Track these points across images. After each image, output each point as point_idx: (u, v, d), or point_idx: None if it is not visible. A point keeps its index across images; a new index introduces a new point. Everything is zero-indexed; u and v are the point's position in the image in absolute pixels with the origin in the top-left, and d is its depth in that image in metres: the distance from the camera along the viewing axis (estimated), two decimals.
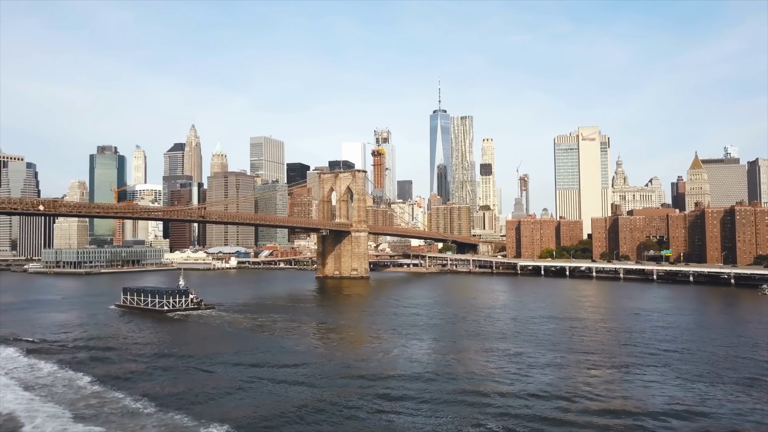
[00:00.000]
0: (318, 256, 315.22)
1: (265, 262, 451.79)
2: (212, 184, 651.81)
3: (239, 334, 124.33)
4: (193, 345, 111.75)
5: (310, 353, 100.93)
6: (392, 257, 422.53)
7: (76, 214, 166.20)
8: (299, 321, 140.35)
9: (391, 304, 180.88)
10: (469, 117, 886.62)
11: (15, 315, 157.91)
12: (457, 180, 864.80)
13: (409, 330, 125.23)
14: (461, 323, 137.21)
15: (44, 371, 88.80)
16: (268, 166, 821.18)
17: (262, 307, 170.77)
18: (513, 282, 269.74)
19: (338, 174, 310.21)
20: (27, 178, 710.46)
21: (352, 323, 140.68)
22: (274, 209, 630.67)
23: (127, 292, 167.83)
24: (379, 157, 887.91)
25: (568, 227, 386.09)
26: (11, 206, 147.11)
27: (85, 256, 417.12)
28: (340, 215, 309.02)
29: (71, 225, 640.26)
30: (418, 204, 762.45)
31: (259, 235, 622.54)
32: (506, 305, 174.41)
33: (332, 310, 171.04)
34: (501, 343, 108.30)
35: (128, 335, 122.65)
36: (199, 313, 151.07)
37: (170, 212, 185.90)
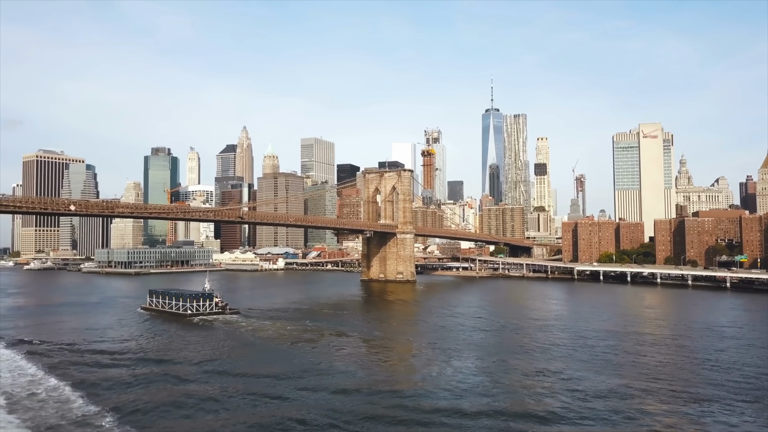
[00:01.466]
0: (362, 259, 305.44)
1: (312, 263, 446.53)
2: (262, 185, 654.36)
3: (257, 342, 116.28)
4: (198, 353, 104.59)
5: (330, 371, 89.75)
6: (441, 260, 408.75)
7: (107, 215, 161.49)
8: (331, 330, 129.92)
9: (435, 312, 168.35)
10: (522, 115, 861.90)
11: (42, 318, 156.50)
12: (510, 180, 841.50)
13: (453, 344, 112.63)
14: (510, 336, 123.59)
15: (21, 375, 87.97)
16: (318, 167, 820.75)
17: (295, 313, 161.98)
18: (569, 288, 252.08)
19: (383, 173, 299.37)
20: (87, 180, 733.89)
21: (390, 334, 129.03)
22: (323, 210, 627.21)
23: (152, 295, 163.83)
24: (429, 157, 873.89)
25: (628, 229, 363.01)
26: (43, 206, 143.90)
27: (136, 256, 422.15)
28: (386, 216, 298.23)
29: (126, 225, 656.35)
30: (469, 205, 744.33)
31: (309, 236, 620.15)
32: (561, 315, 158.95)
33: (370, 317, 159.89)
34: (554, 363, 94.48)
35: (136, 341, 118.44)
36: (223, 318, 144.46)
37: (200, 213, 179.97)
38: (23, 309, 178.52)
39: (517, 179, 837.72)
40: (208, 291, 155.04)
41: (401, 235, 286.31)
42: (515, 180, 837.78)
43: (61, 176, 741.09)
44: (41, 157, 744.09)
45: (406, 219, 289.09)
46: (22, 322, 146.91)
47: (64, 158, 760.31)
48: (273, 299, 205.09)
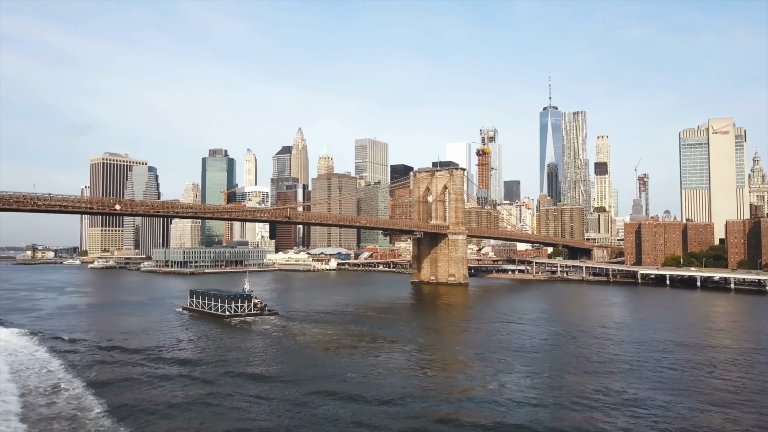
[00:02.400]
0: (413, 260, 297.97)
1: (363, 264, 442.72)
2: (316, 185, 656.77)
3: (291, 346, 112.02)
4: (226, 357, 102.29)
5: (361, 381, 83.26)
6: (495, 262, 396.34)
7: (153, 214, 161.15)
8: (373, 335, 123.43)
9: (488, 317, 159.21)
10: (582, 112, 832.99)
11: (86, 317, 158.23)
12: (569, 179, 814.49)
13: (503, 354, 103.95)
14: (567, 347, 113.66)
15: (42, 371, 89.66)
16: (372, 168, 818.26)
17: (339, 316, 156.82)
18: (633, 293, 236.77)
19: (434, 172, 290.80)
20: (149, 181, 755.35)
21: (435, 341, 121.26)
22: (375, 211, 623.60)
23: (193, 295, 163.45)
24: (484, 157, 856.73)
25: (696, 231, 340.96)
26: (88, 206, 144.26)
27: (191, 256, 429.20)
28: (437, 216, 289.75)
29: (185, 226, 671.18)
30: (526, 205, 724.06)
31: (361, 236, 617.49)
32: (624, 324, 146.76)
33: (417, 323, 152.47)
34: (615, 380, 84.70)
35: (167, 342, 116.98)
36: (261, 320, 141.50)
37: (236, 213, 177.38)
38: (73, 308, 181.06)
39: (577, 179, 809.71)
40: (247, 292, 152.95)
41: (453, 236, 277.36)
42: (574, 179, 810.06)
43: (125, 178, 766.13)
44: (107, 160, 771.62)
45: (458, 219, 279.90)
46: (65, 321, 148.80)
47: (128, 161, 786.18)
48: (319, 301, 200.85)
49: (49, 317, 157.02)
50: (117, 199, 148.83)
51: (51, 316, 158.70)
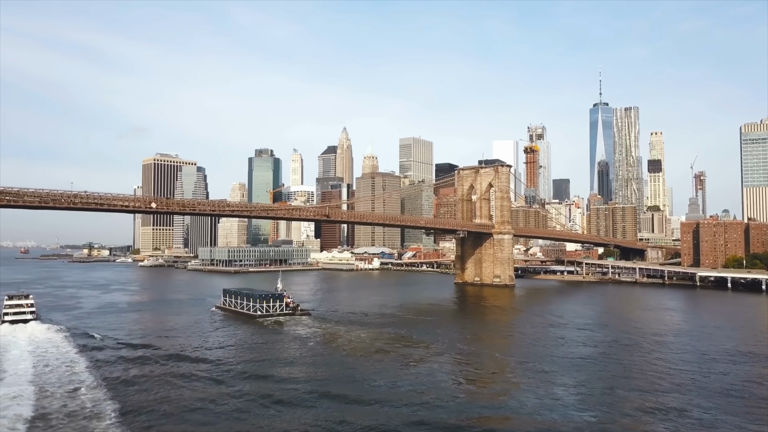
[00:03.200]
0: (456, 260, 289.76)
1: (407, 264, 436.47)
2: (360, 185, 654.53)
3: (320, 349, 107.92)
4: (249, 357, 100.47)
5: (390, 392, 77.31)
6: (543, 263, 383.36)
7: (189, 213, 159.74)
8: (410, 340, 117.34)
9: (534, 321, 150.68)
10: (634, 108, 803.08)
11: (123, 315, 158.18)
12: (620, 177, 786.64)
13: (549, 363, 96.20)
14: (620, 356, 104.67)
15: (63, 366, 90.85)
16: (416, 167, 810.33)
17: (376, 317, 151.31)
18: (691, 297, 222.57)
19: (478, 170, 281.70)
20: (197, 181, 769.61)
21: (477, 347, 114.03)
22: (419, 210, 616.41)
23: (226, 294, 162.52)
24: (532, 155, 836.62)
25: (760, 231, 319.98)
26: (124, 204, 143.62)
27: (236, 254, 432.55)
28: (481, 215, 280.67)
29: (232, 225, 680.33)
30: (576, 204, 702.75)
31: (405, 236, 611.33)
32: (683, 330, 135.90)
33: (458, 327, 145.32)
34: (675, 396, 76.09)
35: (192, 341, 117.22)
36: (293, 320, 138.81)
37: (268, 210, 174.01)
38: (113, 306, 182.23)
39: (629, 176, 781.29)
40: (279, 291, 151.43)
41: (498, 235, 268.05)
42: (626, 177, 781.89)
43: (174, 178, 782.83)
44: (158, 161, 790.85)
45: (503, 218, 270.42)
46: (101, 319, 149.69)
47: (178, 161, 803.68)
48: (357, 301, 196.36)
49: (86, 315, 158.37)
50: (153, 197, 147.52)
51: (89, 314, 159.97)
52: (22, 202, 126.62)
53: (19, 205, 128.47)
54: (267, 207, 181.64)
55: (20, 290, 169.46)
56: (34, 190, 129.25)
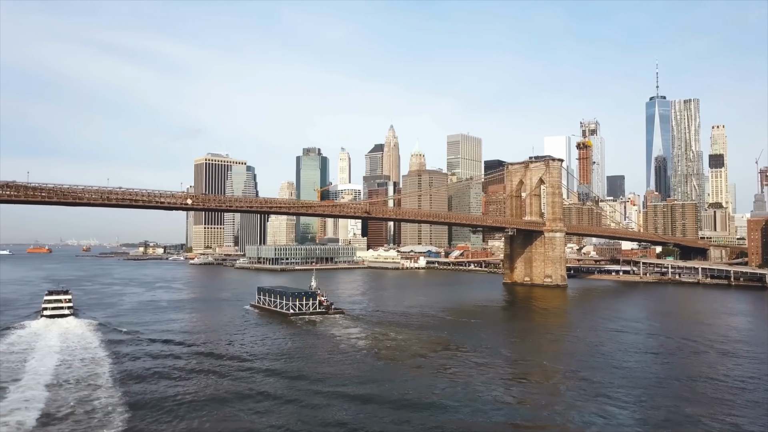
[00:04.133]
0: (505, 259, 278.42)
1: (454, 263, 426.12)
2: (406, 182, 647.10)
3: (349, 351, 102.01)
4: (272, 358, 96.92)
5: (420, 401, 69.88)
6: (597, 262, 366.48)
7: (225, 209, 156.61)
8: (450, 344, 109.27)
9: (588, 325, 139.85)
10: (694, 100, 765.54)
11: (159, 313, 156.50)
12: (679, 173, 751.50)
13: (603, 374, 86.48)
14: (684, 366, 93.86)
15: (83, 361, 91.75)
16: (464, 164, 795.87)
17: (416, 318, 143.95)
18: (760, 300, 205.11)
19: (528, 164, 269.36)
20: (247, 180, 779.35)
21: (522, 353, 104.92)
22: (467, 207, 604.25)
23: (260, 293, 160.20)
24: (585, 150, 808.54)
25: None
26: (159, 200, 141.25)
27: (282, 253, 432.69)
28: (531, 212, 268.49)
29: (281, 223, 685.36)
30: (632, 201, 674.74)
31: (453, 234, 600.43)
32: (754, 338, 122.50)
33: (504, 330, 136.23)
34: (750, 417, 65.59)
35: (220, 339, 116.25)
36: (325, 319, 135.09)
37: (299, 207, 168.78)
38: (152, 304, 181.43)
39: (688, 172, 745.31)
40: (312, 290, 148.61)
41: (549, 233, 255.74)
42: (686, 173, 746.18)
43: (225, 177, 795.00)
44: (209, 160, 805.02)
45: (555, 215, 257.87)
46: (137, 316, 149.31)
47: (228, 161, 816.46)
48: (399, 301, 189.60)
49: (123, 312, 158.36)
50: (189, 194, 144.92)
51: (125, 311, 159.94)
52: (56, 199, 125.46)
53: (54, 202, 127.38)
54: (303, 204, 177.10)
55: (60, 286, 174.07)
56: (68, 186, 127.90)
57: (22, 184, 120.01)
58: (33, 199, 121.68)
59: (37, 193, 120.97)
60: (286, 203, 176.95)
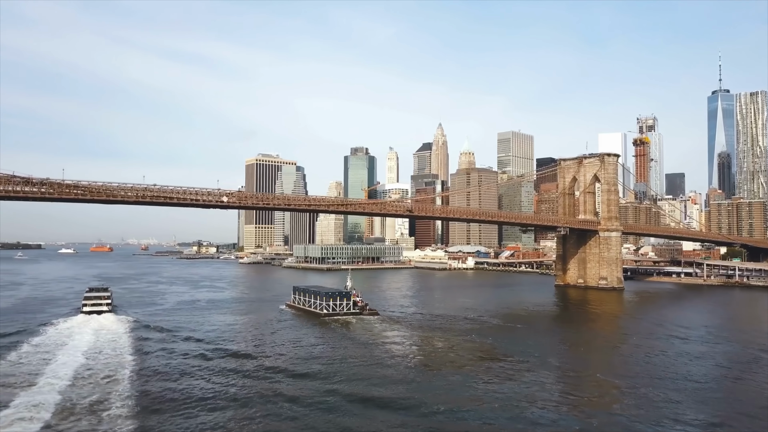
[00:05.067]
0: (557, 260, 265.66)
1: (504, 263, 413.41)
2: (454, 181, 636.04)
3: (381, 356, 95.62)
4: (295, 360, 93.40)
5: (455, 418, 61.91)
6: (656, 263, 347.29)
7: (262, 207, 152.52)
8: (493, 351, 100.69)
9: (647, 333, 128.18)
10: (761, 92, 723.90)
11: (194, 312, 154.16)
12: (744, 170, 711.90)
13: (665, 390, 76.49)
14: (757, 381, 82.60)
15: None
16: (515, 162, 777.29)
17: (459, 322, 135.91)
18: None
19: (582, 160, 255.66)
20: (296, 180, 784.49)
21: (573, 365, 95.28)
22: (518, 206, 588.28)
23: (295, 292, 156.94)
24: (642, 147, 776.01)
25: None
26: (194, 198, 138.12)
27: (329, 252, 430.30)
28: (585, 211, 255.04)
29: (329, 222, 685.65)
30: (693, 200, 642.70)
31: (503, 234, 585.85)
32: None
33: (555, 338, 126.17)
34: None
35: (248, 339, 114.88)
36: (359, 320, 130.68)
37: (337, 205, 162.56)
38: (192, 303, 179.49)
39: (755, 169, 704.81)
40: (347, 290, 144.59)
41: (605, 233, 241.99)
42: (752, 170, 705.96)
43: (275, 177, 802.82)
44: (260, 161, 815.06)
45: (610, 214, 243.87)
46: (174, 315, 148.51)
47: (278, 161, 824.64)
48: (443, 302, 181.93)
49: (161, 310, 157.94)
50: (224, 191, 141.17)
51: (163, 310, 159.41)
52: (90, 197, 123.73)
53: (87, 199, 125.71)
54: (343, 201, 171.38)
55: (101, 284, 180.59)
56: (102, 184, 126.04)
57: (56, 181, 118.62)
58: (67, 197, 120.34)
59: (71, 191, 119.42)
60: (325, 201, 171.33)
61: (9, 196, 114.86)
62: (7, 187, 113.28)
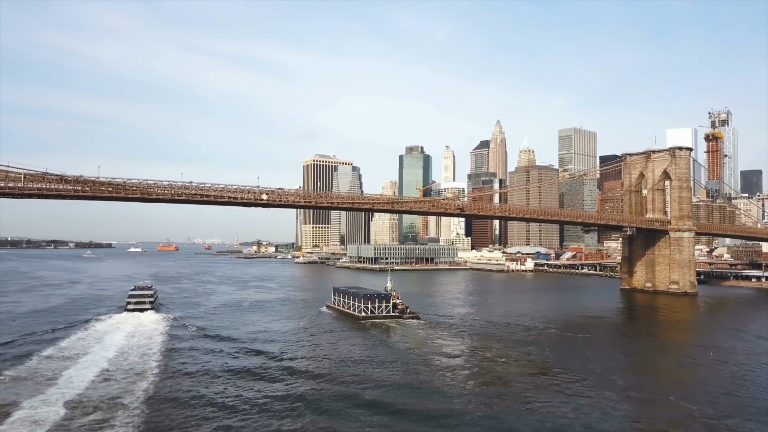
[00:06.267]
0: (623, 262, 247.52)
1: (565, 265, 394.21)
2: (513, 179, 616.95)
3: (417, 367, 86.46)
4: (323, 366, 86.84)
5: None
6: (733, 266, 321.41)
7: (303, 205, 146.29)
8: (549, 365, 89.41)
9: (727, 346, 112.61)
10: None
11: (234, 312, 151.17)
12: None
13: (754, 417, 63.80)
14: None
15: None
16: (577, 159, 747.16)
17: (511, 330, 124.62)
18: None
19: (650, 155, 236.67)
20: (352, 180, 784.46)
21: (644, 384, 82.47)
22: (581, 205, 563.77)
23: (335, 293, 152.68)
24: (714, 142, 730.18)
25: None
26: (231, 196, 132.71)
27: (381, 252, 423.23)
28: (653, 209, 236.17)
29: (384, 222, 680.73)
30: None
31: (564, 235, 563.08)
32: None
33: (620, 350, 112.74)
34: None
35: (278, 341, 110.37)
36: (398, 324, 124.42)
37: (382, 204, 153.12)
38: (237, 302, 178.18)
39: None
40: (386, 291, 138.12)
41: (676, 233, 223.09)
42: None
43: (331, 177, 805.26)
44: (317, 161, 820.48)
45: (682, 212, 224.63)
46: (213, 314, 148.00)
47: (334, 161, 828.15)
48: (496, 307, 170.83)
49: (203, 310, 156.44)
50: (264, 189, 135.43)
51: (206, 309, 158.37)
52: (124, 194, 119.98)
53: (122, 197, 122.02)
54: (390, 200, 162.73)
55: (145, 282, 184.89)
56: (137, 181, 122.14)
57: (90, 179, 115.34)
58: (100, 195, 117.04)
59: (105, 188, 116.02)
60: (370, 200, 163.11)
61: (42, 194, 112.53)
62: (39, 185, 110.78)
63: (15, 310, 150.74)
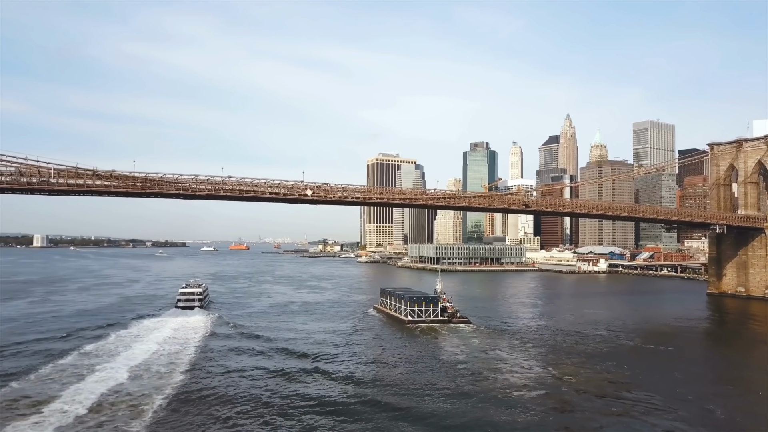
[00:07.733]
0: (710, 264, 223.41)
1: (641, 266, 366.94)
2: (584, 175, 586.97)
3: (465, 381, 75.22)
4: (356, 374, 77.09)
5: None
6: None
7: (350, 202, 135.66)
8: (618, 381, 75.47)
9: None
10: None
11: (279, 315, 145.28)
12: None
13: None
14: None
15: None
16: (653, 154, 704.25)
17: (580, 339, 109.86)
18: None
19: (741, 144, 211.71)
20: (415, 178, 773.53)
21: (738, 408, 65.98)
22: (658, 202, 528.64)
23: (383, 295, 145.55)
24: None
25: None
26: (274, 191, 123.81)
27: (443, 252, 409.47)
28: (746, 205, 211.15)
29: (447, 221, 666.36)
30: None
31: (640, 234, 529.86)
32: None
33: (708, 367, 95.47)
34: None
35: (317, 346, 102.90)
36: (447, 329, 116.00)
37: (426, 198, 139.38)
38: (286, 303, 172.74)
39: None
40: (435, 294, 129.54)
41: None
42: None
43: (394, 176, 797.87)
44: (380, 160, 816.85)
45: None
46: (259, 314, 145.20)
47: (398, 160, 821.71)
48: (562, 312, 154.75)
49: (251, 310, 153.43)
50: (308, 184, 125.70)
51: (254, 310, 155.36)
52: (158, 190, 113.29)
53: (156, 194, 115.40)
54: (445, 195, 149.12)
55: (195, 280, 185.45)
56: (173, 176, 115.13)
57: (123, 174, 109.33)
58: (133, 191, 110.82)
59: (138, 184, 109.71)
60: (423, 195, 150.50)
61: (73, 189, 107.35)
62: (69, 181, 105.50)
63: (62, 310, 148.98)
